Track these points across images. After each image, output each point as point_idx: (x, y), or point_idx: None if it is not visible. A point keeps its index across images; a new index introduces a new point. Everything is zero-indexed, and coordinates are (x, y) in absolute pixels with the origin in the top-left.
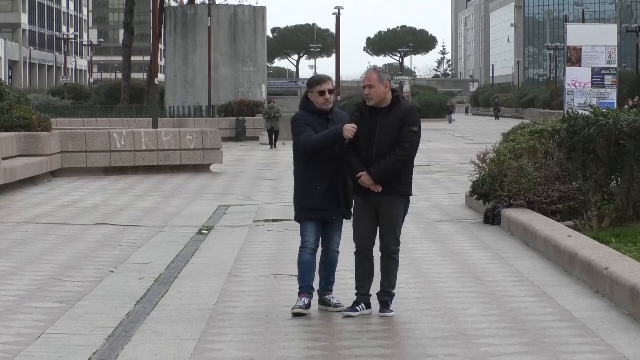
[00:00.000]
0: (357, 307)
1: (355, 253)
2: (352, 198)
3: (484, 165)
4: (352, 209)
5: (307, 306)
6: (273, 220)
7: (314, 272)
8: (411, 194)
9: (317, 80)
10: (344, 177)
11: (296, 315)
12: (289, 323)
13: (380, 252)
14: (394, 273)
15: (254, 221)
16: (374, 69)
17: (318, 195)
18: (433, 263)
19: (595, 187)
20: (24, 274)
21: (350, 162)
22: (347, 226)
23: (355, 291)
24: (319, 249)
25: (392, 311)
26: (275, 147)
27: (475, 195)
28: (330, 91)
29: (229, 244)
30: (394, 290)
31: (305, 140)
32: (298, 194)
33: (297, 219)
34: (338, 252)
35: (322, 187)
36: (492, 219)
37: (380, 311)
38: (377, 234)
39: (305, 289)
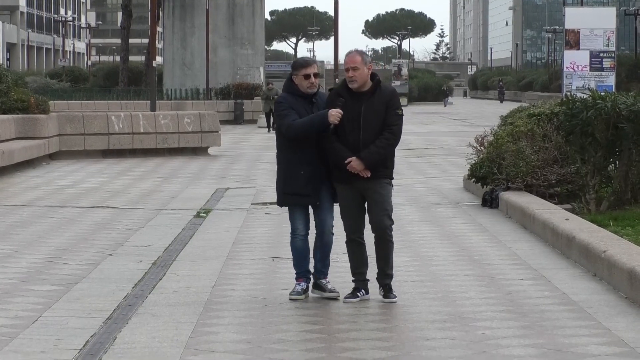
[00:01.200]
0: (358, 294)
1: (347, 242)
2: None
3: (482, 148)
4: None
5: (305, 291)
6: (271, 204)
7: (309, 257)
8: (393, 178)
9: (302, 64)
10: (327, 162)
11: (294, 300)
12: (287, 306)
13: (374, 235)
14: (391, 254)
15: (252, 204)
16: (357, 51)
17: (302, 180)
18: (431, 246)
19: (593, 171)
20: (22, 256)
21: (336, 148)
22: (337, 216)
23: (353, 278)
24: (313, 233)
25: (395, 297)
26: (272, 130)
27: (474, 179)
28: (315, 74)
29: (227, 227)
30: (392, 271)
31: (289, 125)
32: (281, 179)
33: (280, 204)
34: (332, 234)
35: (306, 173)
36: (490, 202)
37: (384, 297)
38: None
39: (302, 274)
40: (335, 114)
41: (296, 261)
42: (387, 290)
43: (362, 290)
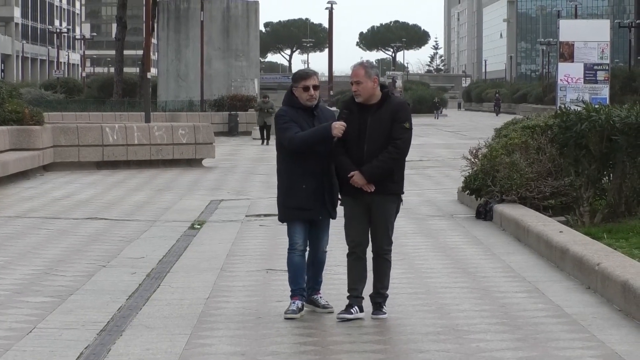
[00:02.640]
0: (352, 310)
1: (348, 255)
2: (337, 197)
3: (476, 160)
4: (336, 209)
5: (300, 309)
6: (265, 215)
7: (305, 273)
8: (403, 193)
9: (302, 75)
10: (329, 175)
11: (289, 319)
12: (281, 319)
13: (372, 253)
14: (387, 274)
15: (246, 216)
16: (361, 64)
17: (304, 194)
18: (425, 258)
19: (587, 183)
20: (15, 268)
21: (341, 161)
22: (335, 223)
23: (348, 294)
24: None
25: (385, 313)
26: (267, 143)
27: (468, 191)
28: (315, 87)
29: (221, 238)
30: (387, 292)
31: (291, 138)
32: (283, 193)
33: (281, 219)
34: (326, 252)
35: (308, 186)
36: (484, 214)
37: (373, 313)
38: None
39: (297, 292)
40: (339, 127)
41: (292, 277)
42: (376, 308)
43: (356, 307)
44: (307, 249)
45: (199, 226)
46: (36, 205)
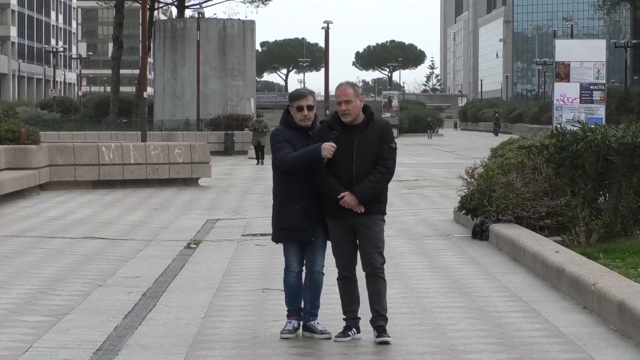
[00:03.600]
0: (349, 332)
1: (338, 279)
2: None
3: (472, 180)
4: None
5: (297, 329)
6: (261, 235)
7: (301, 293)
8: (386, 214)
9: (296, 95)
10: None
11: (285, 339)
12: (277, 338)
13: (365, 275)
14: (384, 294)
15: (242, 235)
16: (348, 83)
17: (297, 215)
18: (421, 278)
19: (583, 203)
20: (12, 287)
21: (329, 182)
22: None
23: (344, 317)
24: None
25: (389, 337)
26: (262, 163)
27: (464, 211)
28: (309, 107)
29: (218, 258)
30: (387, 314)
31: (283, 159)
32: (276, 214)
33: (275, 240)
34: (323, 274)
35: (300, 207)
36: (480, 234)
37: (377, 337)
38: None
39: (293, 312)
40: (328, 148)
41: (288, 298)
42: (380, 331)
43: (354, 329)
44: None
45: (195, 245)
46: (32, 224)
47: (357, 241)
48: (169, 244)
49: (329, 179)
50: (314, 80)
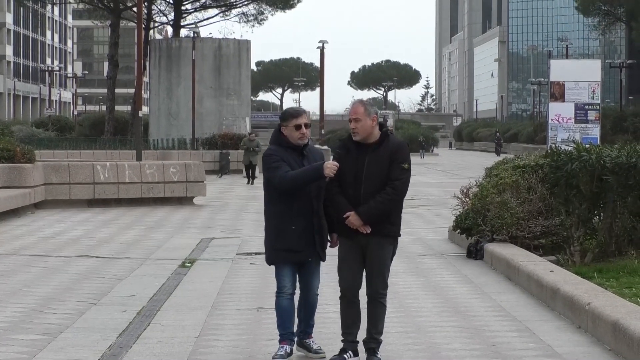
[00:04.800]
0: (345, 355)
1: (340, 298)
2: (327, 238)
3: (467, 199)
4: (325, 251)
5: (289, 354)
6: (256, 254)
7: (294, 317)
8: (400, 235)
9: (292, 114)
10: (319, 215)
11: None
12: (271, 357)
13: (367, 297)
14: (382, 319)
15: (237, 254)
16: (360, 101)
17: (294, 235)
18: (416, 297)
19: (578, 223)
20: (6, 306)
21: (337, 201)
22: (326, 262)
23: (342, 338)
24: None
25: (380, 359)
26: (252, 183)
27: (459, 230)
28: (306, 125)
29: (212, 277)
30: (381, 337)
31: (282, 177)
32: (272, 235)
33: (270, 262)
34: (317, 295)
35: (297, 227)
36: (475, 253)
37: (367, 359)
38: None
39: (286, 337)
40: (331, 167)
41: (280, 321)
42: (370, 354)
43: (350, 352)
44: (296, 291)
45: (189, 264)
46: (27, 242)
47: (366, 262)
48: (164, 262)
49: (338, 197)
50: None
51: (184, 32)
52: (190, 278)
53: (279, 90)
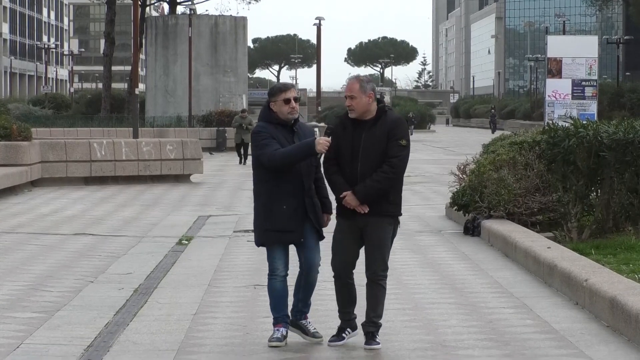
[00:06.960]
0: (343, 334)
1: (334, 278)
2: (322, 217)
3: (464, 176)
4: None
5: (285, 337)
6: (253, 231)
7: (287, 299)
8: (401, 214)
9: (280, 88)
10: (310, 194)
11: (274, 347)
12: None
13: (366, 278)
14: (382, 301)
15: (234, 232)
16: (356, 78)
17: (285, 215)
18: (413, 274)
19: (575, 199)
20: (3, 284)
21: (334, 180)
22: (323, 242)
23: (340, 318)
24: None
25: (378, 344)
26: (245, 162)
27: (456, 207)
28: (295, 99)
29: (209, 254)
30: (380, 321)
31: (272, 155)
32: (261, 215)
33: (259, 243)
34: (318, 272)
35: (288, 207)
36: (472, 230)
37: (365, 343)
38: (361, 258)
39: (281, 319)
40: (323, 143)
41: (274, 304)
42: (368, 338)
43: (348, 329)
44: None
45: (186, 242)
46: (24, 220)
47: (364, 243)
48: (161, 240)
49: (335, 177)
50: (306, 77)
51: (180, 9)
52: (187, 255)
53: (276, 67)
